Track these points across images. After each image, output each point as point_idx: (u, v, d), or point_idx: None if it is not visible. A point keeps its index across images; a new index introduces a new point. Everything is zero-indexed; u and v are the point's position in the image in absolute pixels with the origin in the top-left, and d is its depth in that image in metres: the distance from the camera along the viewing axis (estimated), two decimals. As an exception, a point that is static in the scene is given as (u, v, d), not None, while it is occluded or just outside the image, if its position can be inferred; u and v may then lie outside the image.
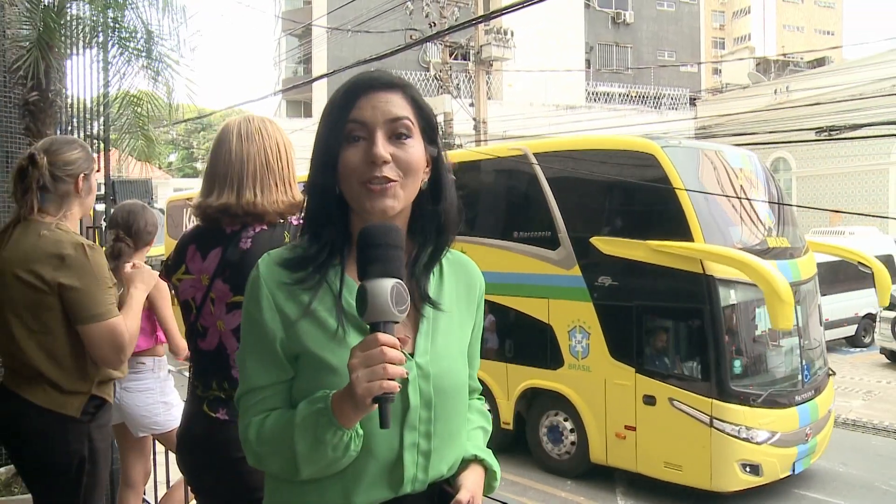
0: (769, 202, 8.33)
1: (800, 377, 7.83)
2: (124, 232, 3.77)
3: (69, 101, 5.39)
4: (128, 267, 3.32)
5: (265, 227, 2.19)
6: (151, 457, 4.19)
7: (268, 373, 1.40)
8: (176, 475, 4.04)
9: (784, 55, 35.24)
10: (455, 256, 1.61)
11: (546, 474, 8.75)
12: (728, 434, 7.21)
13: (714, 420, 7.23)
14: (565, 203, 8.39)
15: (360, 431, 1.32)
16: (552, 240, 8.38)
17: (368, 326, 1.25)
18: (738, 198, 7.86)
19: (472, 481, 1.51)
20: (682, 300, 7.60)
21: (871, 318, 15.50)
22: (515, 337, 8.95)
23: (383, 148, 1.36)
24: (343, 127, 1.39)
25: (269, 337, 1.39)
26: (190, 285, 2.26)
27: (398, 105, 1.41)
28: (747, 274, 6.94)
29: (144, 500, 4.35)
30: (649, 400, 7.66)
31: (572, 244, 8.20)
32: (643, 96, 32.93)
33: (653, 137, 8.27)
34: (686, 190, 7.32)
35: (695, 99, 32.95)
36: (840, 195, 25.67)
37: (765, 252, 7.61)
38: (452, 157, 10.92)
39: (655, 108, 32.07)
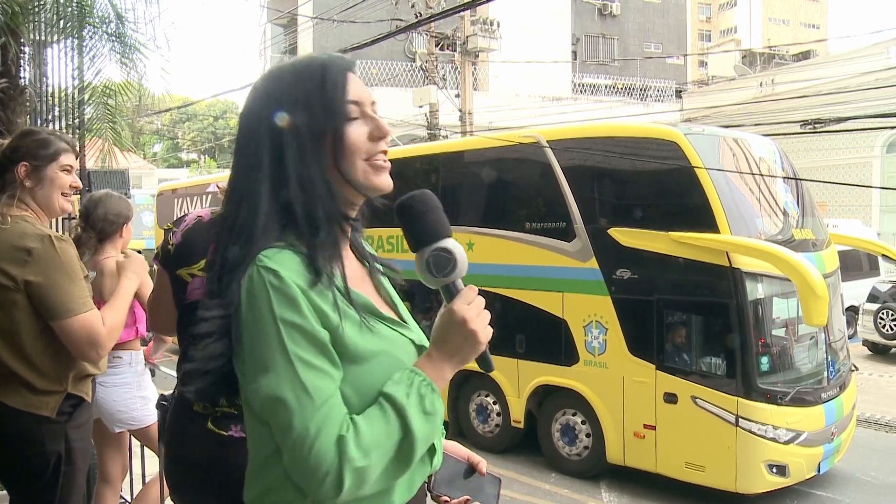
0: (790, 191, 8.05)
1: (825, 374, 7.56)
2: (83, 221, 3.72)
3: (49, 90, 5.17)
4: (119, 256, 3.18)
5: None
6: (128, 452, 4.15)
7: (332, 378, 1.25)
8: (151, 471, 4.07)
9: (770, 48, 35.30)
10: None
11: (531, 466, 8.54)
12: (755, 434, 6.91)
13: (740, 419, 6.94)
14: (581, 193, 8.04)
15: None
16: (567, 231, 8.04)
17: (449, 284, 1.33)
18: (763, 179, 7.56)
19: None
20: (707, 294, 7.30)
21: (853, 310, 15.45)
22: (527, 332, 8.59)
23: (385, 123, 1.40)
24: (343, 107, 1.36)
25: (320, 339, 1.25)
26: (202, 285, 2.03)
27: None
28: (780, 268, 6.64)
29: (122, 496, 4.31)
30: (670, 398, 7.36)
31: (589, 236, 7.86)
32: (629, 88, 32.78)
33: (673, 125, 7.97)
34: (714, 172, 7.00)
35: (681, 91, 32.93)
36: (824, 187, 25.68)
37: (791, 244, 7.33)
38: (461, 145, 10.60)
39: (642, 99, 31.98)
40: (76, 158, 2.77)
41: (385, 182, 1.39)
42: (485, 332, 1.30)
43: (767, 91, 26.03)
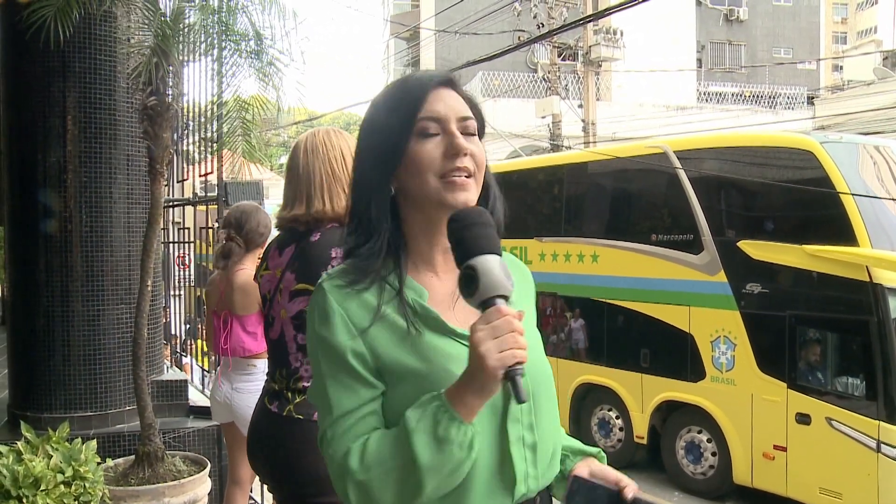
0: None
1: (977, 398, 7.07)
2: (235, 232, 3.88)
3: (186, 105, 5.46)
4: (253, 268, 3.29)
5: (336, 225, 2.28)
6: None
7: (356, 393, 1.30)
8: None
9: (914, 49, 33.32)
10: (507, 256, 1.47)
11: (653, 484, 8.39)
12: (899, 461, 6.54)
13: (882, 445, 6.57)
14: (709, 204, 7.86)
15: (478, 428, 1.23)
16: (694, 243, 7.86)
17: (480, 306, 1.18)
18: None
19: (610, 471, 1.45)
20: (844, 310, 6.97)
21: None
22: (651, 346, 8.44)
23: (463, 140, 1.34)
24: (413, 123, 1.35)
25: (349, 355, 1.30)
26: (267, 280, 2.41)
27: (462, 104, 1.39)
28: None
29: (251, 497, 4.45)
30: (803, 418, 7.06)
31: (717, 248, 7.66)
32: (757, 96, 31.62)
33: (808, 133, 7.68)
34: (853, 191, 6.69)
35: (813, 97, 31.51)
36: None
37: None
38: (585, 156, 10.52)
39: (771, 107, 30.78)
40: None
41: (458, 199, 1.32)
42: (495, 357, 1.14)
43: (912, 94, 24.54)
